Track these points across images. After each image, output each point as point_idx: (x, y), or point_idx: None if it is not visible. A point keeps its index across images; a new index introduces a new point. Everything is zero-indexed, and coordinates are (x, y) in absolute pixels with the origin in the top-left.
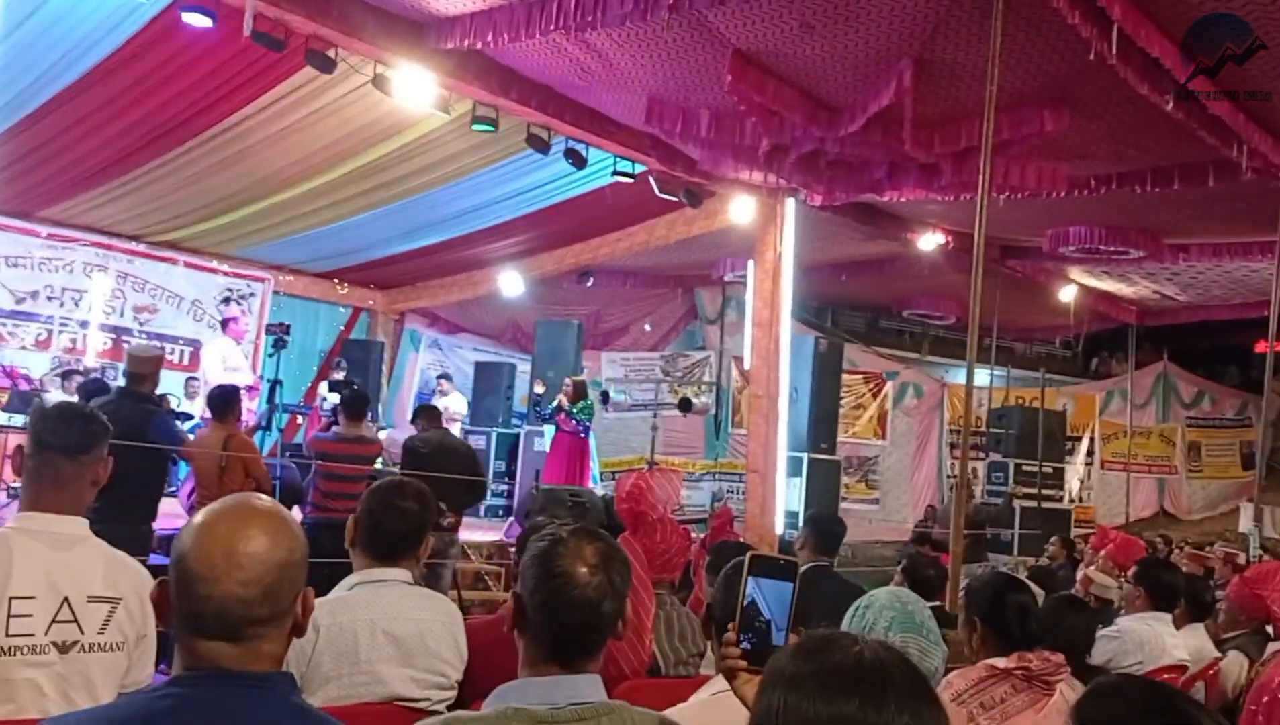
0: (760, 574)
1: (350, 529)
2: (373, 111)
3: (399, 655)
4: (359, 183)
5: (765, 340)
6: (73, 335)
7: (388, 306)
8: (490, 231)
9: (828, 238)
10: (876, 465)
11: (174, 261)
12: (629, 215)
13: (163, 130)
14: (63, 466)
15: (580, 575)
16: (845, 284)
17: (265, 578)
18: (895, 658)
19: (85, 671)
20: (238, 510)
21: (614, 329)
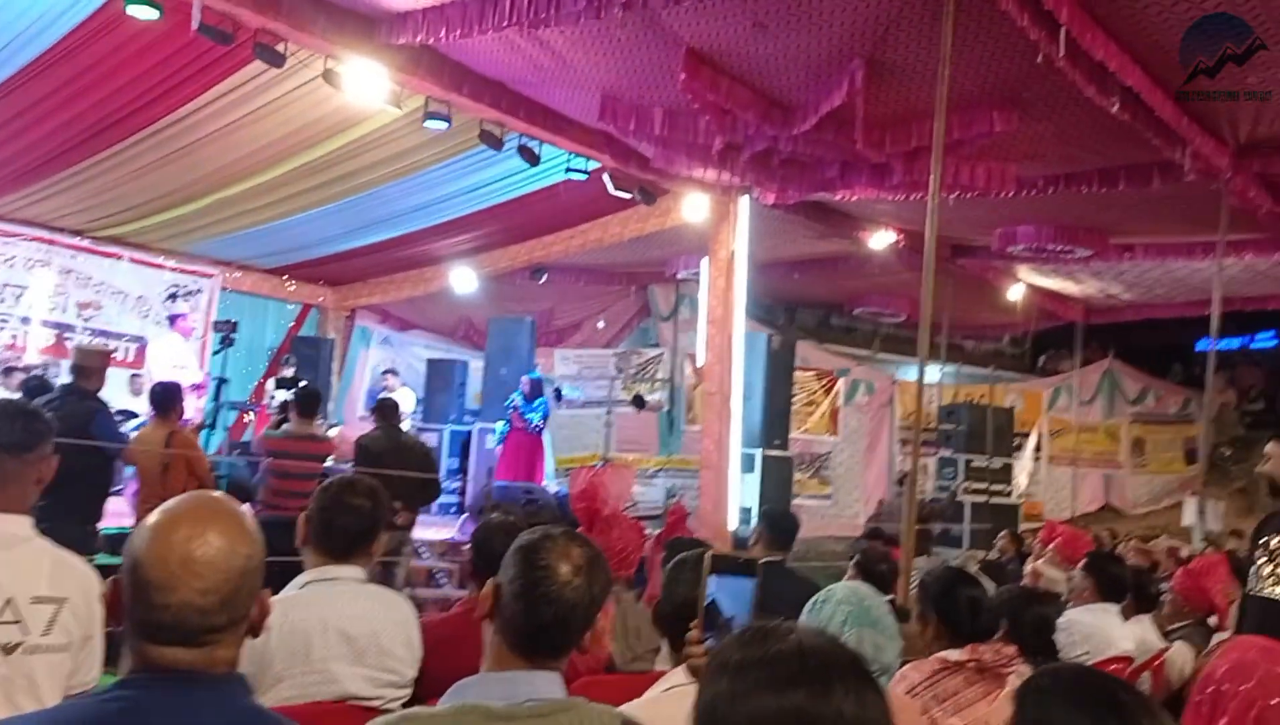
0: (721, 572)
1: (302, 527)
2: (323, 106)
3: (352, 654)
4: (309, 178)
5: (719, 337)
6: (14, 332)
7: (338, 303)
8: (442, 228)
9: (781, 236)
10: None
11: (119, 257)
12: (582, 212)
13: (107, 123)
14: (5, 464)
15: (562, 573)
16: (798, 282)
17: (224, 587)
18: (834, 645)
19: (30, 673)
20: (195, 512)
21: (567, 326)
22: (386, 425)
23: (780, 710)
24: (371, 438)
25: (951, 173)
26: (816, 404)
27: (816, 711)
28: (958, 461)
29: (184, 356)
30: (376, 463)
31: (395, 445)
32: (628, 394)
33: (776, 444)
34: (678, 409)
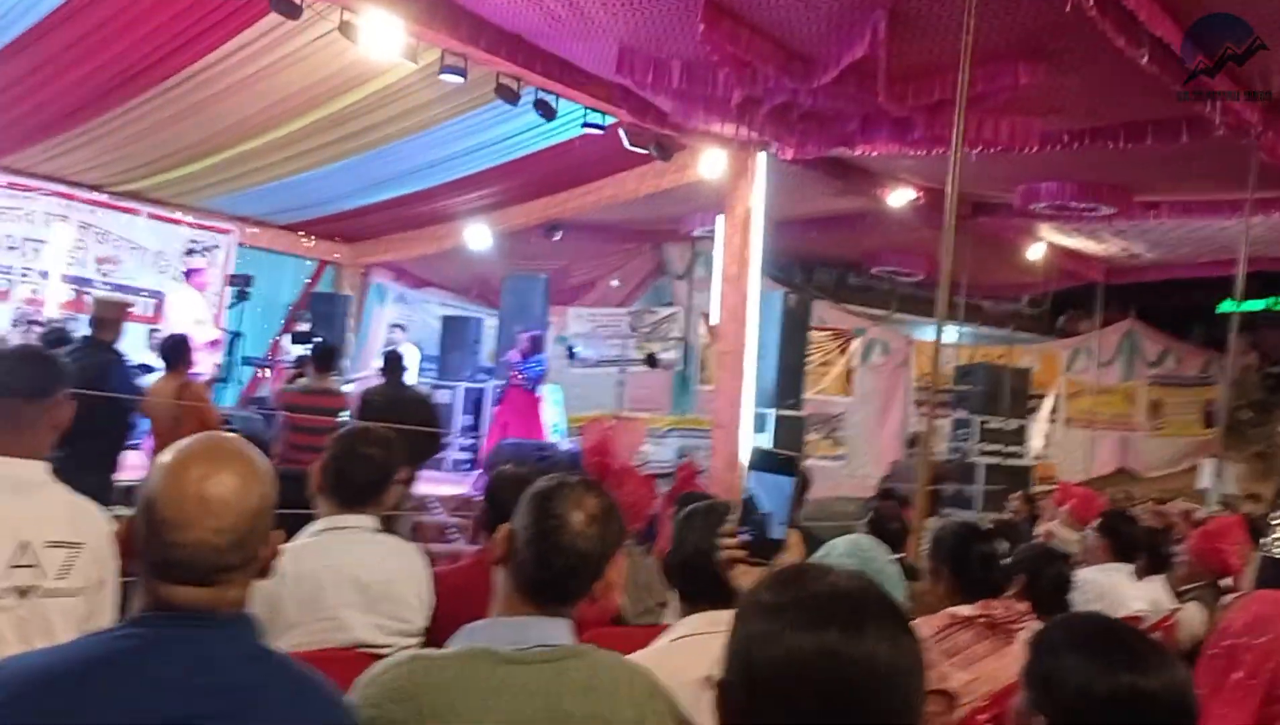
0: (760, 468)
1: (315, 476)
2: (339, 60)
3: (363, 602)
4: (324, 133)
5: (733, 296)
6: (34, 286)
7: (353, 260)
8: (458, 184)
9: (799, 192)
10: (842, 422)
11: (137, 212)
12: (598, 168)
13: (124, 78)
14: (21, 410)
15: (576, 522)
16: (816, 240)
17: (239, 526)
18: (870, 587)
19: (46, 616)
20: (209, 452)
21: (581, 284)
22: (390, 378)
23: (813, 650)
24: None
25: (974, 127)
26: (831, 364)
27: (849, 652)
28: (972, 423)
29: (201, 311)
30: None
31: (397, 398)
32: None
33: (790, 404)
34: (691, 368)
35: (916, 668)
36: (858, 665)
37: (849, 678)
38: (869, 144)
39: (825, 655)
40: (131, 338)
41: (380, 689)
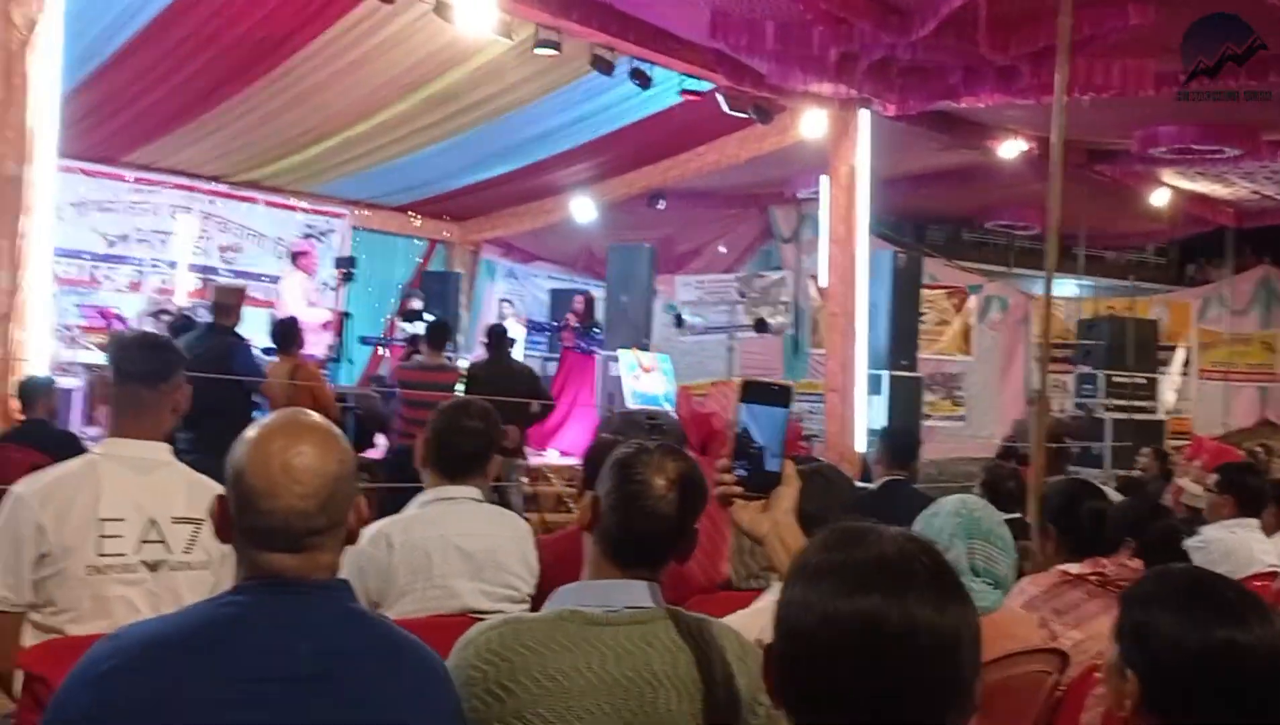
0: (752, 400)
1: (420, 449)
2: (435, 40)
3: (470, 569)
4: (427, 114)
5: (841, 257)
6: (163, 276)
7: (463, 238)
8: (559, 158)
9: (904, 149)
10: (961, 382)
11: (255, 201)
12: (698, 135)
13: (233, 71)
14: (143, 395)
15: (657, 487)
16: (925, 197)
17: (322, 490)
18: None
19: (175, 589)
20: (289, 426)
21: (687, 252)
22: (495, 353)
23: (852, 613)
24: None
25: (1083, 72)
26: (948, 323)
27: (888, 616)
28: (1097, 377)
29: (312, 293)
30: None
31: (501, 371)
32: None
33: (904, 364)
34: (803, 332)
35: (965, 636)
36: (898, 633)
37: (889, 646)
38: (973, 96)
39: (861, 618)
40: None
41: (475, 651)
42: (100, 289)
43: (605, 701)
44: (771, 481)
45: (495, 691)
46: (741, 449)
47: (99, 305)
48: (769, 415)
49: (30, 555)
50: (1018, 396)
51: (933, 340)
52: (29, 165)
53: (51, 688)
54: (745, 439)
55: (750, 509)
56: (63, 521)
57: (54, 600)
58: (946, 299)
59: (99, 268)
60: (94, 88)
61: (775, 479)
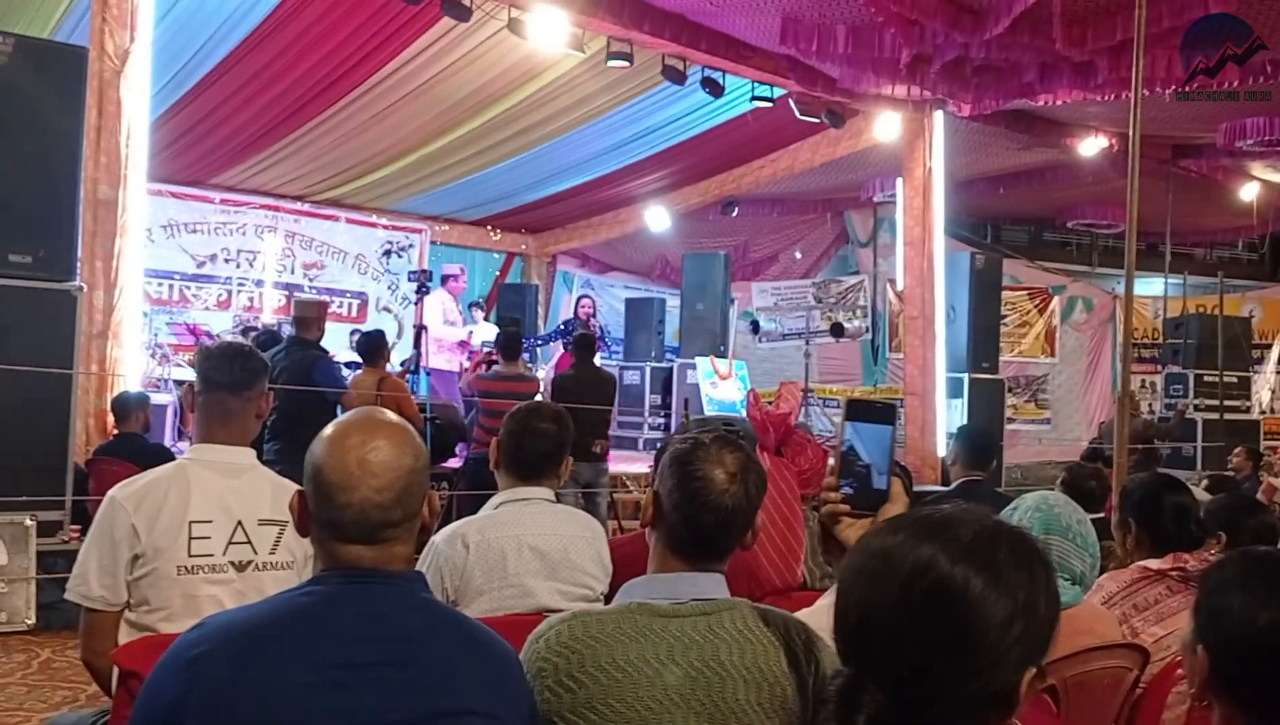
0: (858, 419)
1: (494, 451)
2: (510, 56)
3: (545, 569)
4: (502, 129)
5: (918, 259)
6: (250, 294)
7: (539, 250)
8: (633, 168)
9: (980, 149)
10: (1046, 384)
11: (336, 218)
12: (771, 141)
13: (314, 92)
14: (229, 402)
15: (718, 480)
16: (1003, 197)
17: (397, 483)
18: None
19: (261, 588)
20: (364, 423)
21: (763, 258)
22: (581, 360)
23: (914, 560)
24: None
25: (1163, 65)
26: (1030, 324)
27: (941, 571)
28: (1187, 377)
29: (454, 313)
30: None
31: (589, 378)
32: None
33: (985, 367)
34: (881, 336)
35: (1013, 610)
36: (950, 588)
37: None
38: (1050, 93)
39: (917, 567)
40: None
41: (545, 644)
42: (190, 307)
43: (674, 692)
44: (878, 499)
45: (565, 683)
46: (848, 467)
47: (189, 323)
48: (874, 433)
49: (125, 556)
50: (1104, 398)
51: (1015, 342)
52: (121, 189)
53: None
54: (851, 457)
55: (857, 527)
56: (155, 523)
57: (147, 599)
58: (1029, 300)
59: (188, 287)
60: (182, 113)
61: (882, 497)
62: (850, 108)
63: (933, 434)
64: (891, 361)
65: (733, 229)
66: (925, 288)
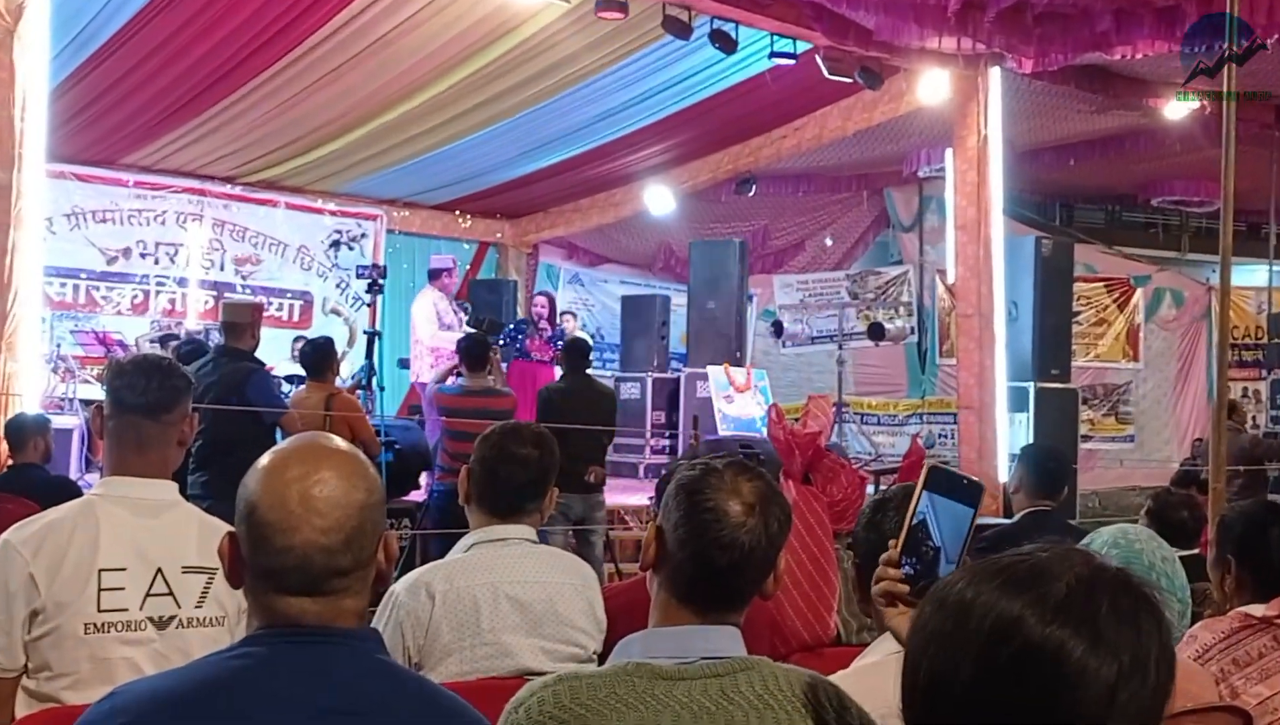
0: (937, 490)
1: (464, 482)
2: (479, 7)
3: (526, 623)
4: (471, 95)
5: (972, 246)
6: (171, 295)
7: (518, 239)
8: (629, 140)
9: (1047, 113)
10: (1128, 393)
11: (274, 203)
12: (794, 106)
13: (246, 53)
14: (145, 427)
15: (733, 513)
16: (1074, 170)
17: (346, 523)
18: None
19: (185, 649)
20: (307, 452)
21: (786, 246)
22: (573, 371)
23: (996, 620)
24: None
25: (1264, 9)
26: (1109, 322)
27: (1030, 634)
28: None
29: (446, 315)
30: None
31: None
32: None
33: (1055, 374)
34: (929, 339)
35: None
36: (1042, 654)
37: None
38: (1128, 45)
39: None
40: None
41: (527, 713)
42: (99, 312)
43: None
44: None
45: None
46: (914, 544)
47: (98, 331)
48: (952, 513)
49: (21, 612)
50: (1199, 410)
51: (1090, 344)
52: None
53: None
54: (921, 533)
55: (909, 616)
56: (57, 573)
57: (49, 663)
58: (1106, 293)
59: (97, 287)
60: (87, 80)
61: None
62: (889, 65)
63: (992, 455)
64: (942, 368)
65: (750, 212)
66: (981, 280)
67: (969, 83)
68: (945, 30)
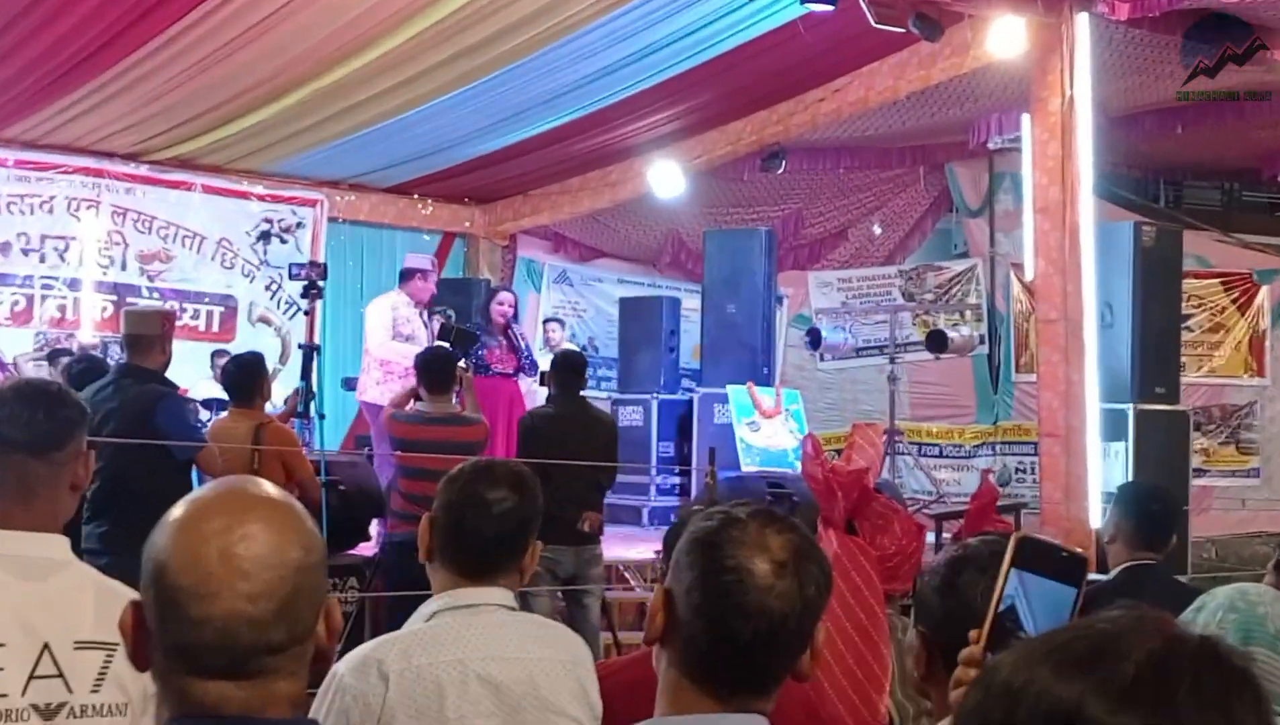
0: (1027, 567)
1: (424, 535)
2: None
3: (502, 709)
4: (432, 52)
5: (1055, 234)
6: (60, 300)
7: (491, 228)
8: (630, 105)
9: (1147, 70)
10: (1251, 416)
11: (189, 186)
12: (833, 63)
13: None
14: (29, 468)
15: (760, 574)
16: (1183, 139)
17: (278, 588)
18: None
19: None
20: (230, 500)
21: (825, 235)
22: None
23: (1052, 706)
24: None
25: None
26: (1226, 328)
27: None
28: None
29: (412, 325)
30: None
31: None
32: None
33: (1160, 394)
34: (1003, 349)
35: None
36: None
37: None
38: None
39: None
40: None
41: None
42: None
43: None
44: None
45: None
46: (1002, 635)
47: None
48: (1049, 595)
49: None
50: None
51: (1204, 356)
52: None
53: None
54: (1009, 621)
55: None
56: None
57: None
58: (1223, 292)
59: None
60: None
61: None
62: (950, 10)
63: (1081, 495)
64: (1019, 387)
65: (779, 194)
66: (1067, 276)
67: (1050, 32)
68: None
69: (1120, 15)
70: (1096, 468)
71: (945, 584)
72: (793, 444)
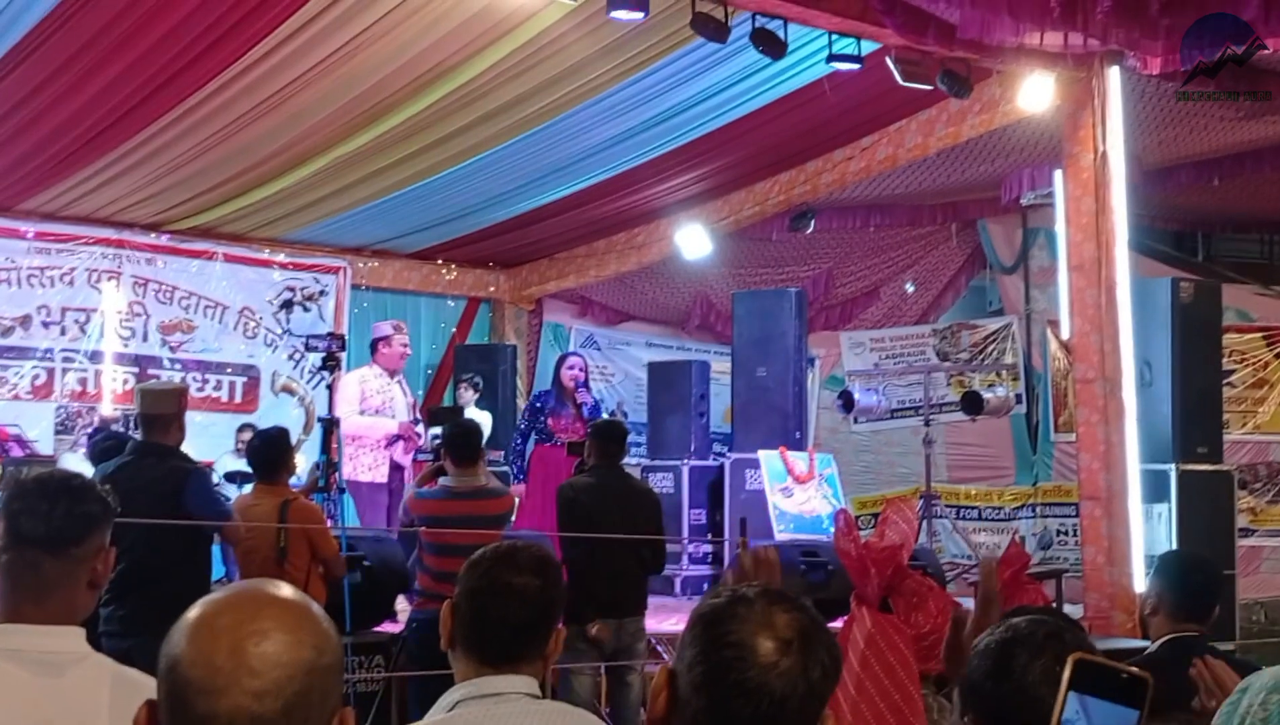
0: (1087, 691)
1: (445, 622)
2: (463, 8)
3: None
4: (457, 115)
5: (1091, 290)
6: (81, 373)
7: (516, 293)
8: (655, 166)
9: (1181, 121)
10: None
11: (210, 256)
12: (861, 121)
13: (171, 73)
14: (44, 566)
15: (763, 651)
16: (1219, 191)
17: (286, 688)
18: None
19: None
20: (245, 599)
21: (856, 295)
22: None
23: None
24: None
25: None
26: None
27: None
28: None
29: (377, 397)
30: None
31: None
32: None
33: (1202, 453)
34: (1041, 409)
35: None
36: None
37: None
38: None
39: None
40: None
41: None
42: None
43: None
44: None
45: None
46: None
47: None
48: (1108, 717)
49: None
50: None
51: (1248, 412)
52: None
53: None
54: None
55: None
56: None
57: None
58: (1265, 346)
59: None
60: None
61: None
62: (979, 66)
63: (1124, 560)
64: (1058, 447)
65: (808, 253)
66: (1105, 334)
67: (1081, 87)
68: (1048, 23)
69: (1153, 69)
70: (1138, 531)
71: (998, 669)
72: (827, 510)
